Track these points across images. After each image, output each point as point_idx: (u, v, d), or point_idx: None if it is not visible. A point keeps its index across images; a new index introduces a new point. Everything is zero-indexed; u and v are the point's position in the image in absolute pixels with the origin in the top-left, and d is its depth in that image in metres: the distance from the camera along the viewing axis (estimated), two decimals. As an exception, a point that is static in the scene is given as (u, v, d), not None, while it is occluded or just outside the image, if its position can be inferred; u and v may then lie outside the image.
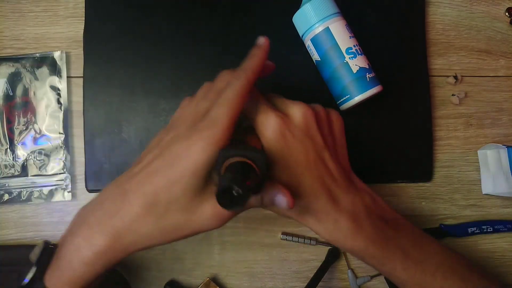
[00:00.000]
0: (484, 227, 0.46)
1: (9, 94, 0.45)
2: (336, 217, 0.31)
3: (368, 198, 0.34)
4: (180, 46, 0.46)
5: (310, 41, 0.43)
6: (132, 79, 0.45)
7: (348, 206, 0.32)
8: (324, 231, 0.32)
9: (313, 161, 0.32)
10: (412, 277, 0.33)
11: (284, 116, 0.32)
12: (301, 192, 0.31)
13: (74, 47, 0.46)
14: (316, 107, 0.34)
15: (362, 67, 0.41)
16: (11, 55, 0.45)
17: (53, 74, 0.45)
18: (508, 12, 0.50)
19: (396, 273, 0.33)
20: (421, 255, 0.33)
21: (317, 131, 0.32)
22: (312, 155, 0.32)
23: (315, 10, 0.42)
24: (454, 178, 0.48)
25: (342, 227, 0.31)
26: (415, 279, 0.33)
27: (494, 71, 0.49)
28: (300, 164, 0.31)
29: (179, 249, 0.45)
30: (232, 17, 0.47)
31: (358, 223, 0.32)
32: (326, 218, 0.31)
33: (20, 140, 0.45)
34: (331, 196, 0.32)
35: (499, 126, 0.49)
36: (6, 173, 0.44)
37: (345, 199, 0.32)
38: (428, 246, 0.35)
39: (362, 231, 0.32)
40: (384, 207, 0.35)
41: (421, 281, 0.33)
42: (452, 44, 0.49)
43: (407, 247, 0.33)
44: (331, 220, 0.31)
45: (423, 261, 0.33)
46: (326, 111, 0.35)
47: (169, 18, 0.46)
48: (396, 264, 0.32)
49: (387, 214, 0.35)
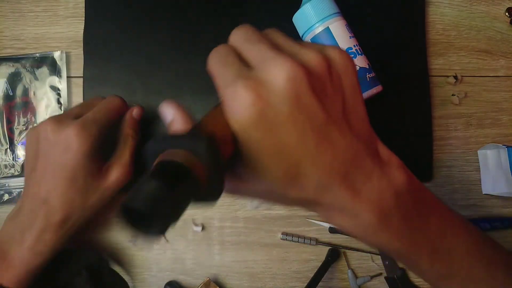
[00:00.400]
0: (482, 224, 0.47)
1: (9, 94, 0.45)
2: (356, 211, 0.24)
3: (400, 176, 0.26)
4: (180, 46, 0.46)
5: (310, 41, 0.43)
6: (132, 79, 0.46)
7: (371, 195, 0.24)
8: (343, 226, 0.26)
9: (314, 145, 0.22)
10: (438, 270, 0.29)
11: (260, 84, 0.21)
12: (306, 185, 0.24)
13: (74, 47, 0.46)
14: (311, 55, 0.23)
15: (362, 67, 0.41)
16: (11, 55, 0.45)
17: (53, 74, 0.45)
18: (508, 12, 0.49)
19: (421, 266, 0.29)
20: (450, 244, 0.29)
21: (313, 98, 0.22)
22: (310, 136, 0.22)
23: (315, 10, 0.42)
24: (454, 178, 0.48)
25: (364, 223, 0.25)
26: (441, 271, 0.29)
27: (494, 71, 0.49)
28: (295, 153, 0.22)
29: (179, 249, 0.45)
30: (232, 17, 0.47)
31: (384, 217, 0.25)
32: (342, 214, 0.25)
33: (20, 140, 0.45)
34: (347, 184, 0.24)
35: (499, 126, 0.49)
36: (6, 173, 0.44)
37: (368, 185, 0.24)
38: (459, 230, 0.30)
39: (388, 227, 0.25)
40: (417, 184, 0.28)
41: (447, 273, 0.29)
42: (452, 44, 0.49)
43: (437, 238, 0.28)
44: (349, 215, 0.25)
45: (451, 250, 0.29)
46: (326, 57, 0.23)
47: (169, 18, 0.46)
48: (422, 258, 0.28)
49: (420, 193, 0.28)
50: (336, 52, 0.24)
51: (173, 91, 0.46)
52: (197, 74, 0.46)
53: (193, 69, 0.46)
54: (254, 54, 0.23)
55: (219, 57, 0.24)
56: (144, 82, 0.46)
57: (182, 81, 0.46)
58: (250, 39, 0.24)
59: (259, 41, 0.24)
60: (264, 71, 0.22)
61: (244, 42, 0.24)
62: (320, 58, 0.23)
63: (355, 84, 0.24)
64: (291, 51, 0.23)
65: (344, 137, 0.24)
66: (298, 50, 0.23)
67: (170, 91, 0.46)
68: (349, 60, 0.24)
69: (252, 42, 0.24)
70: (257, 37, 0.24)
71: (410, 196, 0.26)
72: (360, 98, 0.25)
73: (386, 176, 0.25)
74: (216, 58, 0.24)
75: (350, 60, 0.24)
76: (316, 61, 0.23)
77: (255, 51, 0.23)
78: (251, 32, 0.24)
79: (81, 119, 0.36)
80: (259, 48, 0.23)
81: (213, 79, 0.24)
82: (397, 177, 0.25)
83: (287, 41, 0.24)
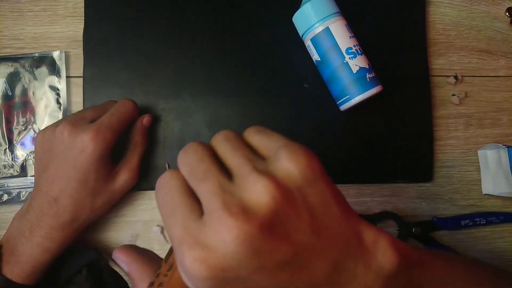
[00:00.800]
0: (477, 219, 0.47)
1: (8, 94, 0.45)
2: None
3: (390, 260, 0.23)
4: (179, 46, 0.46)
5: (310, 41, 0.43)
6: (132, 79, 0.45)
7: None
8: None
9: (287, 282, 0.20)
10: None
11: (206, 248, 0.19)
12: None
13: (73, 47, 0.46)
14: (256, 194, 0.20)
15: (362, 67, 0.41)
16: (10, 54, 0.45)
17: (52, 74, 0.45)
18: (508, 12, 0.49)
19: None
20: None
21: (272, 243, 0.20)
22: (284, 276, 0.20)
23: (315, 10, 0.41)
24: (454, 178, 0.48)
25: None
26: None
27: (494, 71, 0.49)
28: None
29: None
30: (232, 17, 0.47)
31: None
32: None
33: (19, 140, 0.45)
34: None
35: (499, 126, 0.49)
36: (5, 173, 0.44)
37: (354, 284, 0.23)
38: (453, 278, 0.29)
39: None
40: (412, 258, 0.25)
41: None
42: (452, 44, 0.49)
43: None
44: None
45: None
46: (279, 186, 0.20)
47: (168, 18, 0.46)
48: None
49: (416, 269, 0.25)
50: (294, 167, 0.21)
51: (172, 91, 0.46)
52: (197, 74, 0.46)
53: (192, 69, 0.46)
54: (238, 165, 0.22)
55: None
56: (144, 82, 0.45)
57: (182, 81, 0.46)
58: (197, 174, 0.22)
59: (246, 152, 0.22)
60: (242, 196, 0.20)
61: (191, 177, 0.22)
62: (269, 197, 0.20)
63: (322, 190, 0.22)
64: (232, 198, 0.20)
65: (318, 257, 0.21)
66: (241, 192, 0.20)
67: (169, 91, 0.46)
68: (309, 168, 0.21)
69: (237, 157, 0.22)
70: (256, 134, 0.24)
71: (404, 275, 0.24)
72: (331, 201, 0.22)
73: (372, 268, 0.23)
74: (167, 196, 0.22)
75: (310, 166, 0.21)
76: (266, 200, 0.20)
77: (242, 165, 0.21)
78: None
79: (96, 124, 0.37)
80: (245, 165, 0.21)
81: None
82: (386, 262, 0.23)
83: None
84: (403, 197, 0.47)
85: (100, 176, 0.38)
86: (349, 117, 0.46)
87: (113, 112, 0.39)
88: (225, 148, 0.23)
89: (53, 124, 0.39)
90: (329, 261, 0.21)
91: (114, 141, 0.38)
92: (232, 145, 0.23)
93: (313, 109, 0.46)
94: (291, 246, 0.20)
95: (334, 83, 0.43)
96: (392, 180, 0.47)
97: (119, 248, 0.26)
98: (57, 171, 0.37)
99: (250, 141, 0.24)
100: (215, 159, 0.22)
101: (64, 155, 0.37)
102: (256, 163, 0.21)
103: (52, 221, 0.37)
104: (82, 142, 0.36)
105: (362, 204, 0.46)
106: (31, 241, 0.37)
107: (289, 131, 0.46)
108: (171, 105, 0.46)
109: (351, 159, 0.46)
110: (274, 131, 0.24)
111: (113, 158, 0.40)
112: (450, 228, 0.47)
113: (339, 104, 0.44)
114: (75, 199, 0.37)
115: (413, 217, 0.47)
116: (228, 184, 0.20)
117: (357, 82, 0.41)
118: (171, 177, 0.22)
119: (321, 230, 0.21)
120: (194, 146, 0.23)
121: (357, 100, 0.41)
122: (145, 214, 0.45)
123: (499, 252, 0.48)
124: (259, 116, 0.46)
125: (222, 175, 0.21)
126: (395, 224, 0.46)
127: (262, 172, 0.20)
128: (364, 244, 0.23)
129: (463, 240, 0.47)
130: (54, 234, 0.37)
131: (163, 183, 0.22)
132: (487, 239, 0.48)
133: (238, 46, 0.46)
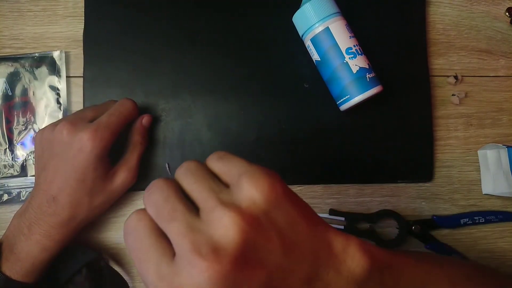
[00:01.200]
0: (476, 218, 0.47)
1: (8, 94, 0.45)
2: None
3: (360, 264, 0.24)
4: (179, 46, 0.46)
5: (310, 41, 0.43)
6: (132, 79, 0.45)
7: None
8: None
9: None
10: None
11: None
12: None
13: (73, 47, 0.46)
14: (222, 229, 0.20)
15: (362, 67, 0.41)
16: (10, 54, 0.45)
17: (52, 74, 0.45)
18: (508, 12, 0.49)
19: None
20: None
21: (245, 273, 0.20)
22: None
23: (315, 10, 0.41)
24: (454, 178, 0.48)
25: None
26: None
27: (494, 71, 0.49)
28: None
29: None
30: (232, 17, 0.47)
31: None
32: None
33: (20, 140, 0.45)
34: None
35: (499, 126, 0.49)
36: (5, 173, 0.44)
37: None
38: (427, 279, 0.29)
39: None
40: (384, 259, 0.26)
41: None
42: (453, 44, 0.49)
43: None
44: None
45: None
46: (244, 215, 0.21)
47: (168, 18, 0.46)
48: None
49: (389, 269, 0.26)
50: (256, 193, 0.21)
51: (172, 91, 0.46)
52: (197, 74, 0.46)
53: (193, 69, 0.46)
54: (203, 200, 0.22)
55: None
56: (144, 81, 0.45)
57: (182, 81, 0.46)
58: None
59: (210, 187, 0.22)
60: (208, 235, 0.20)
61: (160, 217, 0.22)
62: (237, 229, 0.20)
63: (288, 210, 0.22)
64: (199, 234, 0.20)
65: (291, 274, 0.22)
66: (207, 230, 0.20)
67: (169, 91, 0.46)
68: (271, 191, 0.22)
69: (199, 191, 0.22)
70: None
71: (377, 277, 0.25)
72: (298, 218, 0.23)
73: (343, 274, 0.23)
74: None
75: (272, 189, 0.22)
76: (234, 234, 0.20)
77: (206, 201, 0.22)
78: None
79: (95, 124, 0.38)
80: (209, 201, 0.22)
81: None
82: (356, 266, 0.24)
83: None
84: (403, 197, 0.47)
85: (98, 176, 0.38)
86: (349, 117, 0.46)
87: (112, 112, 0.39)
88: (189, 182, 0.23)
89: (52, 123, 0.39)
90: (302, 275, 0.22)
91: (113, 141, 0.38)
92: (195, 177, 0.23)
93: (313, 109, 0.46)
94: (265, 270, 0.21)
95: (334, 83, 0.43)
96: (392, 180, 0.47)
97: None
98: (56, 170, 0.37)
99: (213, 168, 0.24)
100: (181, 195, 0.22)
101: (62, 154, 0.37)
102: (221, 194, 0.22)
103: (50, 219, 0.37)
104: (80, 142, 0.36)
105: (362, 204, 0.47)
106: (30, 239, 0.37)
107: (289, 131, 0.46)
108: (171, 105, 0.45)
109: (351, 159, 0.46)
110: (236, 156, 0.24)
111: (113, 158, 0.40)
112: (449, 226, 0.47)
113: (339, 104, 0.44)
114: (73, 198, 0.37)
115: (413, 217, 0.47)
116: (195, 222, 0.21)
117: (357, 82, 0.41)
118: (138, 219, 0.22)
119: (292, 248, 0.22)
120: (159, 184, 0.23)
121: (357, 100, 0.41)
122: (145, 214, 0.45)
123: (499, 252, 0.48)
124: (259, 116, 0.46)
125: (189, 212, 0.21)
126: (395, 223, 0.46)
127: (226, 204, 0.21)
128: (333, 252, 0.23)
129: (463, 240, 0.47)
130: (53, 232, 0.37)
131: (132, 226, 0.22)
132: (487, 239, 0.48)
133: (238, 46, 0.46)
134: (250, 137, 0.46)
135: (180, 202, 0.22)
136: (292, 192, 0.24)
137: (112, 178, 0.40)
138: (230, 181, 0.23)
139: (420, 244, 0.46)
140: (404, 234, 0.45)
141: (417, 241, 0.46)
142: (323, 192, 0.47)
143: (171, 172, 0.45)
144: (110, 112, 0.39)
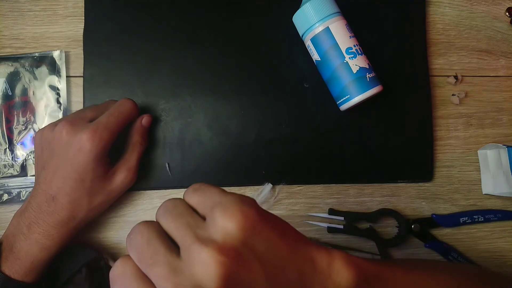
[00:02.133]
0: (476, 216, 0.47)
1: (8, 93, 0.45)
2: None
3: (344, 277, 0.24)
4: (179, 46, 0.46)
5: (310, 41, 0.43)
6: (132, 79, 0.45)
7: None
8: None
9: None
10: None
11: None
12: None
13: (73, 47, 0.46)
14: (202, 264, 0.20)
15: (362, 67, 0.41)
16: (10, 54, 0.45)
17: (52, 73, 0.45)
18: (508, 12, 0.49)
19: None
20: None
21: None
22: None
23: (315, 9, 0.41)
24: (454, 178, 0.48)
25: None
26: None
27: (495, 71, 0.49)
28: None
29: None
30: (232, 17, 0.47)
31: None
32: None
33: (20, 140, 0.45)
34: None
35: (499, 126, 0.49)
36: (5, 173, 0.44)
37: None
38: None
39: None
40: (370, 270, 0.26)
41: None
42: (453, 44, 0.49)
43: None
44: None
45: None
46: (226, 246, 0.21)
47: (168, 18, 0.46)
48: None
49: (376, 279, 0.26)
50: (230, 224, 0.21)
51: (172, 91, 0.46)
52: (197, 74, 0.46)
53: (192, 69, 0.46)
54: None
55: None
56: (144, 81, 0.45)
57: (182, 81, 0.46)
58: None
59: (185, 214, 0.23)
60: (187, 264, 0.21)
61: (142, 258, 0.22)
62: (217, 265, 0.20)
63: (266, 235, 0.22)
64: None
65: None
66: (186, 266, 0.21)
67: (169, 91, 0.46)
68: (246, 219, 0.22)
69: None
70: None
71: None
72: (277, 241, 0.23)
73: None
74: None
75: (246, 218, 0.22)
76: (215, 270, 0.20)
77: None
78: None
79: (94, 124, 0.37)
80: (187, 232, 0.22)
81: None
82: (342, 279, 0.24)
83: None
84: (403, 197, 0.47)
85: (98, 176, 0.38)
86: (349, 117, 0.46)
87: (111, 111, 0.39)
88: (167, 221, 0.23)
89: (52, 123, 0.39)
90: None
91: (112, 141, 0.38)
92: (172, 216, 0.23)
93: (313, 109, 0.46)
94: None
95: (334, 83, 0.43)
96: (392, 180, 0.47)
97: None
98: (55, 170, 0.37)
99: (190, 202, 0.24)
100: (162, 236, 0.22)
101: (62, 153, 0.37)
102: (198, 229, 0.22)
103: (50, 218, 0.37)
104: (80, 141, 0.36)
105: (362, 204, 0.47)
106: (29, 238, 0.37)
107: (289, 131, 0.46)
108: (171, 105, 0.45)
109: (351, 159, 0.46)
110: (211, 186, 0.24)
111: (113, 158, 0.40)
112: (449, 225, 0.47)
113: (339, 104, 0.44)
114: (72, 197, 0.37)
115: (413, 217, 0.47)
116: (177, 263, 0.21)
117: (357, 82, 0.41)
118: (123, 266, 0.22)
119: (275, 274, 0.22)
120: (140, 229, 0.23)
121: (357, 100, 0.41)
122: (145, 214, 0.45)
123: (499, 252, 0.48)
124: (259, 116, 0.46)
125: (170, 253, 0.21)
126: (395, 222, 0.46)
127: (202, 240, 0.21)
128: (317, 268, 0.24)
129: (463, 240, 0.47)
130: (52, 232, 0.37)
131: (117, 275, 0.22)
132: (487, 239, 0.48)
133: (238, 46, 0.46)
134: (250, 137, 0.46)
135: (161, 244, 0.22)
136: (268, 214, 0.23)
137: (111, 178, 0.40)
138: (205, 214, 0.23)
139: (420, 243, 0.46)
140: (403, 233, 0.45)
141: (417, 240, 0.46)
142: (323, 192, 0.47)
143: (171, 172, 0.45)
144: (110, 112, 0.39)
